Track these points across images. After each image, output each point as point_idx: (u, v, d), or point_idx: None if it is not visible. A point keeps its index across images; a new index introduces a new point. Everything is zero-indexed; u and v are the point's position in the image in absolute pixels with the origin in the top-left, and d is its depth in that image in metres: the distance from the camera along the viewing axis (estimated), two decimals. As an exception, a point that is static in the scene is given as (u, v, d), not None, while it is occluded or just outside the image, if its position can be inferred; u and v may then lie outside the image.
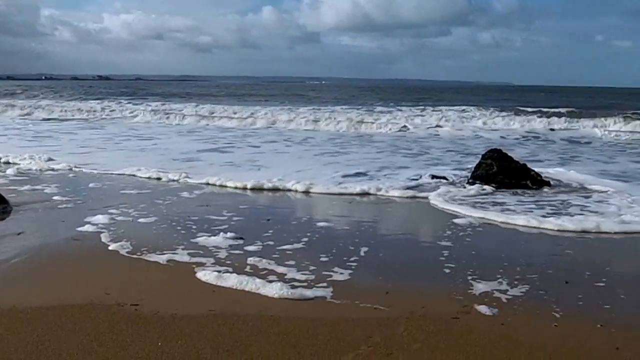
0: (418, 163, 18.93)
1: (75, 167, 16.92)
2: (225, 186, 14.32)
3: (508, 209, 11.81)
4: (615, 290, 7.28)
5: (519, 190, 13.95)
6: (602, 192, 13.70)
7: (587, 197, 13.10)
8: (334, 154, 21.86)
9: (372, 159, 20.14)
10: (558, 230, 10.20)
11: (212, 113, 39.95)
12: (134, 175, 15.64)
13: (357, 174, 16.19)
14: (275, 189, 13.92)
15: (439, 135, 30.52)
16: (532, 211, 11.59)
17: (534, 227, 10.45)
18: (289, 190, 13.82)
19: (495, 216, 11.18)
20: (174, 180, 15.07)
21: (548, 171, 16.59)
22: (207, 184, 14.55)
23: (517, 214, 11.28)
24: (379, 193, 13.50)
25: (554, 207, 11.99)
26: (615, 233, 10.12)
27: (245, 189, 14.02)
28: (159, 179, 15.31)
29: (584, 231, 10.13)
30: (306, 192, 13.63)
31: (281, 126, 33.90)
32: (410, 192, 13.48)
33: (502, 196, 13.26)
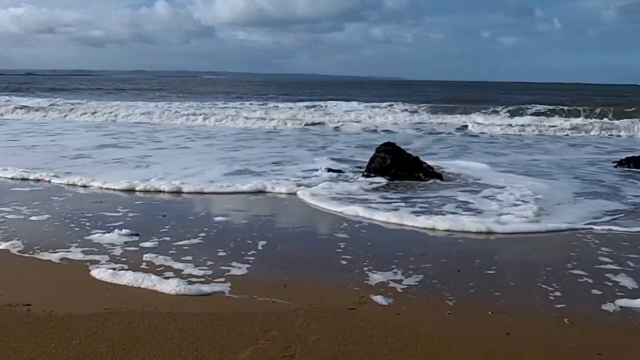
0: (318, 157, 18.97)
1: None
2: (90, 186, 13.53)
3: (370, 206, 11.58)
4: (504, 278, 7.54)
5: (410, 183, 14.20)
6: (497, 186, 13.73)
7: (475, 193, 13.12)
8: (236, 148, 21.75)
9: (273, 153, 20.11)
10: (423, 228, 10.18)
11: (97, 109, 38.48)
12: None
13: (247, 171, 15.89)
14: (145, 191, 13.05)
15: (341, 129, 30.78)
16: (398, 209, 11.37)
17: (396, 224, 10.41)
18: (159, 191, 13.02)
19: (362, 212, 11.04)
20: (39, 180, 14.20)
21: (452, 163, 17.20)
22: (68, 184, 13.70)
23: (380, 212, 11.05)
24: (266, 190, 13.25)
25: (427, 205, 11.85)
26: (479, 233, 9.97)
27: (113, 189, 13.19)
28: (23, 179, 14.35)
29: (448, 230, 10.01)
30: (177, 193, 12.95)
31: (170, 122, 33.14)
32: (295, 188, 13.20)
33: (379, 192, 13.21)
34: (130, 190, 13.02)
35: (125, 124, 32.79)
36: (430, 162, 15.94)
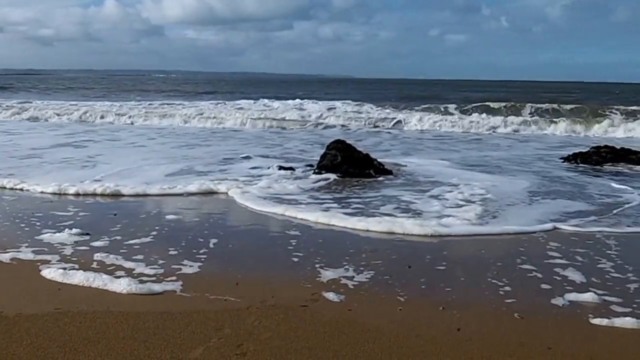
0: (274, 154, 19.15)
1: None
2: (18, 189, 12.88)
3: (300, 206, 11.42)
4: (455, 273, 7.65)
5: (351, 182, 14.19)
6: (449, 184, 13.69)
7: (423, 192, 12.95)
8: (192, 146, 21.72)
9: (228, 151, 20.04)
10: (351, 229, 9.95)
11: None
12: None
13: (192, 170, 15.64)
14: (76, 194, 12.36)
15: (296, 126, 30.81)
16: (329, 210, 11.09)
17: (323, 224, 10.20)
18: (92, 194, 12.39)
19: (290, 212, 10.88)
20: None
21: (410, 161, 17.43)
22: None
23: (307, 212, 10.83)
24: (203, 190, 12.93)
25: (362, 206, 11.58)
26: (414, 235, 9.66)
27: (41, 193, 12.53)
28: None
29: (381, 232, 9.75)
30: (114, 196, 12.36)
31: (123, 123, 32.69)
32: (229, 188, 12.92)
33: (317, 191, 13.04)
34: (59, 194, 12.43)
35: (86, 123, 32.37)
36: (387, 160, 16.10)
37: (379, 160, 15.63)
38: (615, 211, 11.46)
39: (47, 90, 69.63)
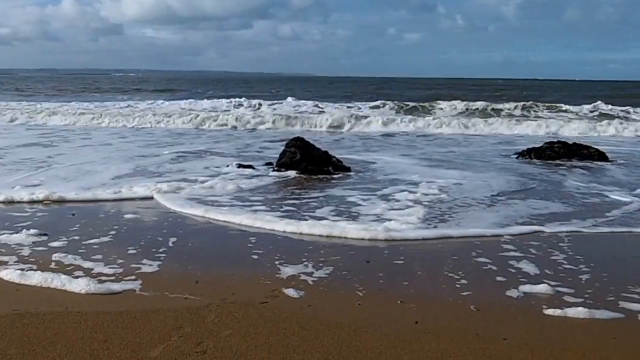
0: (238, 153, 19.30)
1: None
2: None
3: (223, 207, 11.16)
4: (412, 267, 7.75)
5: (320, 177, 14.32)
6: (408, 182, 13.57)
7: (374, 190, 12.67)
8: (162, 145, 21.66)
9: (197, 150, 20.00)
10: (284, 232, 9.60)
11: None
12: None
13: (145, 171, 15.32)
14: (9, 202, 11.55)
15: (264, 125, 30.79)
16: (256, 212, 10.71)
17: (247, 226, 9.87)
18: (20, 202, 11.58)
19: (209, 213, 10.62)
20: None
21: (380, 158, 17.60)
22: None
23: (232, 215, 10.48)
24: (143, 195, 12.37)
25: (294, 208, 11.18)
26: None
27: None
28: None
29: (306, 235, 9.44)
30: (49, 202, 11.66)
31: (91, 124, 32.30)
32: (157, 189, 12.54)
33: (255, 191, 12.74)
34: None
35: (69, 123, 31.78)
36: (354, 157, 16.19)
37: (344, 157, 15.76)
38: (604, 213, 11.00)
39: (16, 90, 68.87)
